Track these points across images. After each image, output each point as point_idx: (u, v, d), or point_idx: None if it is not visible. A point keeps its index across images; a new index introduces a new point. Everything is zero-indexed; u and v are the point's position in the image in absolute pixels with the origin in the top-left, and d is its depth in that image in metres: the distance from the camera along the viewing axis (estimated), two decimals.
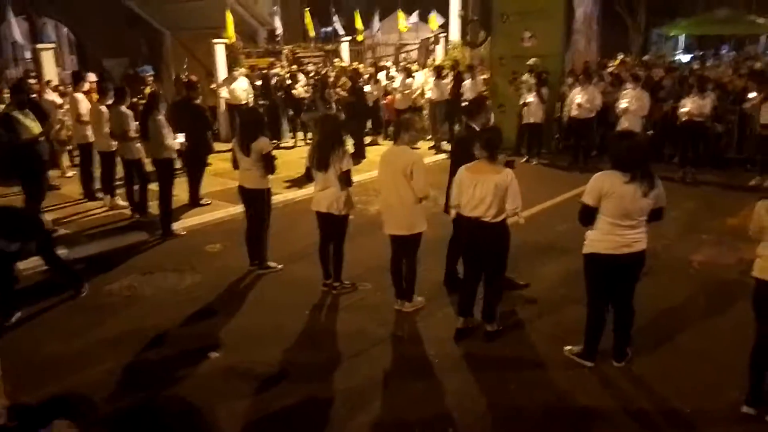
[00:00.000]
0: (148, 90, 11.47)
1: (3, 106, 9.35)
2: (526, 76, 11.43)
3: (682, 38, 24.50)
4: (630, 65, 13.52)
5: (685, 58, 20.60)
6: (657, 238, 6.58)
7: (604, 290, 4.37)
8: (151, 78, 12.08)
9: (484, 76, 13.25)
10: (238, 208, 7.10)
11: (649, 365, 4.47)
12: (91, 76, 10.32)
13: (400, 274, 5.37)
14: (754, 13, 22.71)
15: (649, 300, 5.35)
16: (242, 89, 12.46)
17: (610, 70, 13.16)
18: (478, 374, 4.45)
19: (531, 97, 11.01)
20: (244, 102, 12.18)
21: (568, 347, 4.62)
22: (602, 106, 10.61)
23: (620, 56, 15.60)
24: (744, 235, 4.08)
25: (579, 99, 10.50)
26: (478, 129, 5.27)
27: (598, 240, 4.21)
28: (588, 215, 4.22)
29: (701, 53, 20.34)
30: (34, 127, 7.42)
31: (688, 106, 9.58)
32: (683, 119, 9.68)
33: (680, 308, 5.44)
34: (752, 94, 9.79)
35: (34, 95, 9.66)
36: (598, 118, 10.75)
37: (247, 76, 13.06)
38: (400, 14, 18.57)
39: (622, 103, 9.84)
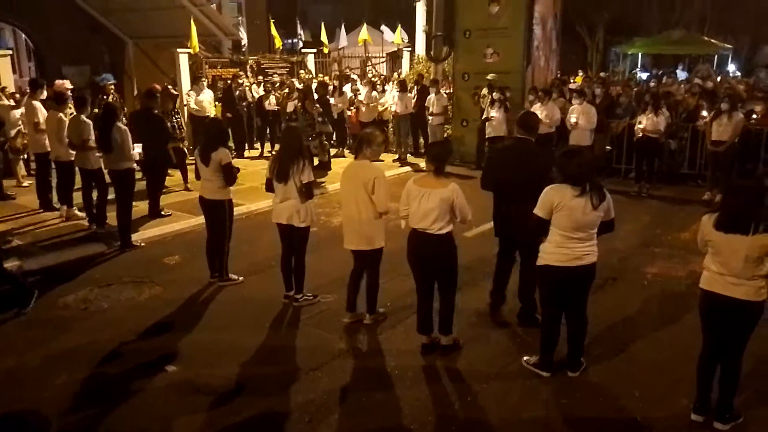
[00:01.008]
0: (110, 99, 11.30)
1: None
2: (485, 91, 11.66)
3: (639, 57, 25.30)
4: (590, 82, 13.89)
5: (643, 76, 21.28)
6: (613, 251, 6.79)
7: (558, 301, 4.48)
8: (112, 86, 11.88)
9: (448, 91, 13.46)
10: (199, 219, 7.04)
11: (604, 374, 4.59)
12: (67, 83, 10.08)
13: (356, 288, 5.39)
14: (706, 34, 23.68)
15: (605, 311, 5.51)
16: (208, 101, 12.35)
17: (572, 86, 13.51)
18: (437, 386, 4.49)
19: (494, 112, 11.20)
20: (209, 113, 12.07)
21: (526, 358, 4.72)
22: (561, 122, 10.87)
23: (581, 73, 16.04)
24: (695, 248, 4.24)
25: (539, 115, 10.71)
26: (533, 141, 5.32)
27: (550, 252, 4.32)
28: (540, 227, 4.32)
29: (658, 72, 21.04)
30: None
31: (643, 123, 9.90)
32: (639, 135, 10.00)
33: (634, 318, 5.59)
34: (704, 113, 10.19)
35: None
36: (558, 133, 11.00)
37: (210, 86, 12.97)
38: (365, 28, 18.72)
39: (572, 118, 10.15)
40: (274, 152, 12.49)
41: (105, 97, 11.32)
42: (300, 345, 5.13)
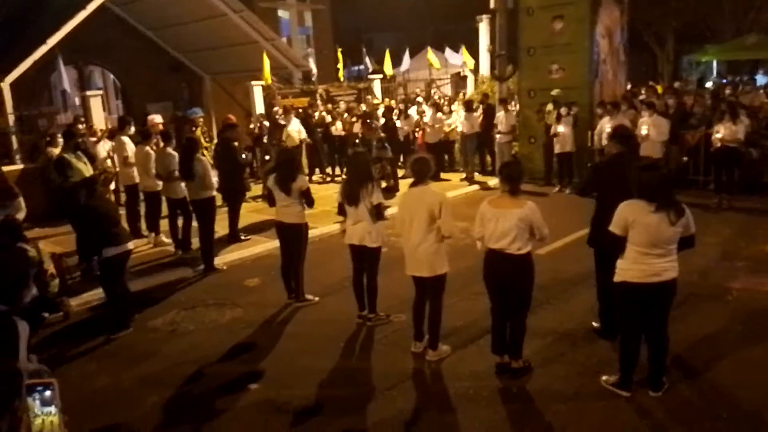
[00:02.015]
0: (198, 132, 11.98)
1: (57, 150, 9.92)
2: (550, 107, 11.58)
3: (714, 65, 24.30)
4: (651, 93, 13.46)
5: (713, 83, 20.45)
6: (693, 265, 6.56)
7: (636, 319, 4.37)
8: (201, 119, 12.51)
9: (515, 109, 13.44)
10: (275, 243, 7.33)
11: (687, 395, 4.44)
12: (158, 118, 10.75)
13: (422, 315, 5.29)
14: None
15: (686, 328, 5.34)
16: (296, 131, 12.56)
17: (641, 98, 13.17)
18: (512, 408, 4.47)
19: (561, 127, 11.11)
20: (298, 143, 12.42)
21: (605, 377, 4.61)
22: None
23: (651, 84, 15.57)
24: None
25: (608, 128, 10.54)
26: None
27: (627, 268, 4.25)
28: (616, 244, 4.26)
29: (736, 78, 20.12)
30: (85, 170, 7.82)
31: (721, 132, 9.54)
32: (717, 145, 9.64)
33: (718, 336, 5.37)
34: None
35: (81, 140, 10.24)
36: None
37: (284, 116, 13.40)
38: (430, 51, 18.99)
39: (642, 130, 9.92)
40: (342, 176, 12.85)
41: (194, 129, 11.97)
42: (374, 365, 5.24)
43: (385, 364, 5.20)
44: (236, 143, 8.98)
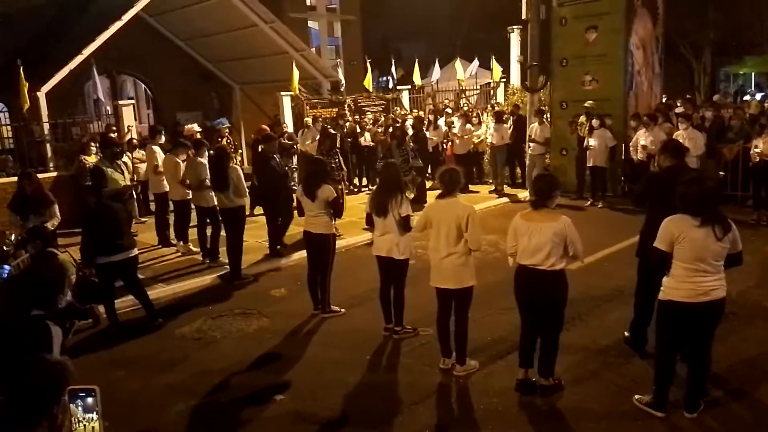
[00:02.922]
0: (224, 142, 12.10)
1: (90, 158, 10.09)
2: (582, 119, 11.40)
3: (752, 77, 23.78)
4: (689, 105, 13.17)
5: (757, 96, 19.94)
6: (733, 283, 6.25)
7: (678, 339, 4.23)
8: (227, 130, 12.66)
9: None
10: (303, 253, 7.31)
11: (722, 418, 4.26)
12: (195, 127, 10.84)
13: (447, 331, 5.16)
14: None
15: (725, 348, 5.14)
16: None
17: (678, 110, 12.92)
18: (541, 425, 4.35)
19: (593, 140, 10.93)
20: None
21: (638, 396, 4.47)
22: None
23: (688, 96, 15.26)
24: None
25: (643, 141, 10.36)
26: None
27: (674, 287, 4.11)
28: (662, 261, 4.14)
29: None
30: (120, 179, 7.89)
31: (760, 147, 9.27)
32: (755, 160, 9.37)
33: (757, 359, 5.17)
34: None
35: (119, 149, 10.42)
36: None
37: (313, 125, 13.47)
38: (458, 63, 18.93)
39: None
40: (370, 187, 12.82)
41: (220, 139, 12.10)
42: (401, 378, 5.16)
43: (411, 378, 5.11)
44: (275, 155, 8.73)
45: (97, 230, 6.17)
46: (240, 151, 12.61)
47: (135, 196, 9.71)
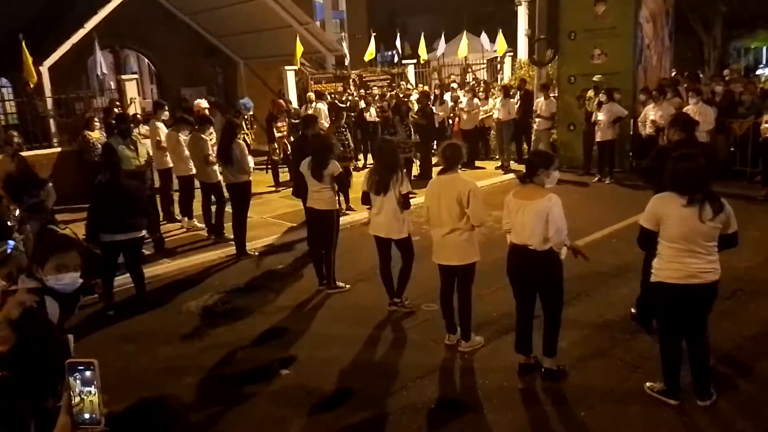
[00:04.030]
0: (241, 118, 12.01)
1: (94, 133, 10.04)
2: (590, 93, 11.25)
3: (764, 51, 23.39)
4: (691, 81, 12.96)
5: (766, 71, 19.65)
6: (739, 260, 6.29)
7: (675, 321, 4.08)
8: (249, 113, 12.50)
9: (554, 95, 13.12)
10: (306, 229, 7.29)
11: (734, 400, 4.17)
12: (203, 103, 10.72)
13: (451, 307, 5.16)
14: None
15: (734, 325, 5.13)
16: (324, 115, 12.56)
17: (685, 85, 12.73)
18: (546, 403, 4.33)
19: (601, 115, 10.79)
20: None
21: (649, 384, 4.30)
22: None
23: (687, 73, 15.01)
24: None
25: (652, 115, 10.22)
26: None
27: (662, 268, 3.97)
28: (646, 239, 4.02)
29: None
30: (132, 157, 7.62)
31: None
32: (766, 135, 9.23)
33: (766, 334, 5.13)
34: None
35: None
36: None
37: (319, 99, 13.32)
38: (464, 37, 18.64)
39: None
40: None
41: (238, 114, 12.11)
42: (406, 353, 5.16)
43: (416, 354, 5.12)
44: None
45: (104, 207, 6.07)
46: (254, 126, 12.50)
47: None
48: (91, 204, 6.26)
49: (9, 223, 6.13)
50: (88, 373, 1.75)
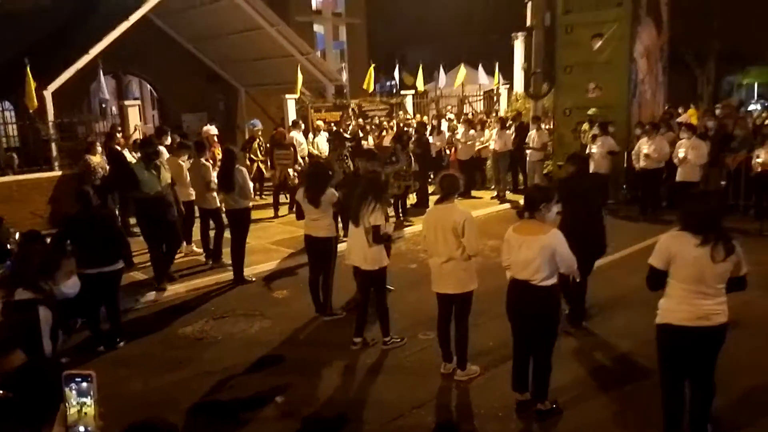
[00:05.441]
0: (255, 144, 12.22)
1: (95, 157, 10.12)
2: (585, 126, 11.43)
3: (755, 87, 23.79)
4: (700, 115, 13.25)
5: (757, 107, 19.96)
6: (736, 294, 6.30)
7: (680, 365, 3.92)
8: (259, 131, 12.75)
9: (548, 127, 13.31)
10: (305, 256, 7.31)
11: None
12: (212, 130, 10.86)
13: (448, 336, 5.14)
14: None
15: (728, 359, 5.11)
16: (324, 143, 12.61)
17: (680, 119, 12.95)
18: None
19: (595, 148, 10.94)
20: (325, 155, 12.46)
21: None
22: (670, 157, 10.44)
23: (700, 107, 15.23)
24: None
25: (646, 149, 10.38)
26: None
27: (670, 309, 3.83)
28: (656, 279, 3.87)
29: None
30: (153, 181, 7.33)
31: (762, 157, 9.29)
32: (757, 170, 9.38)
33: (760, 369, 5.16)
34: None
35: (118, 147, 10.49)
36: (667, 168, 10.55)
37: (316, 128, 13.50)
38: (462, 68, 18.93)
39: (680, 153, 9.74)
40: None
41: (253, 140, 12.51)
42: (402, 382, 5.17)
43: (412, 382, 5.13)
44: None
45: (74, 239, 5.74)
46: (262, 148, 12.67)
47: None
48: (57, 233, 5.96)
49: (9, 246, 6.17)
50: (84, 384, 1.74)
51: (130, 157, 10.83)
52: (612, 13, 11.67)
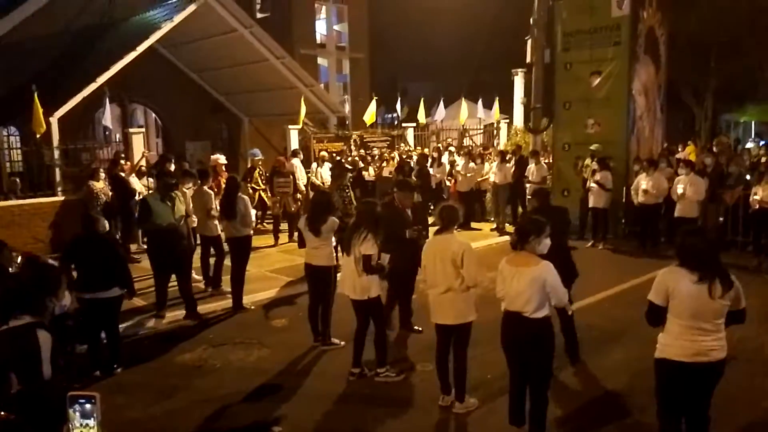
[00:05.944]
0: (257, 174, 12.35)
1: (98, 184, 10.21)
2: (588, 161, 11.56)
3: (753, 125, 24.06)
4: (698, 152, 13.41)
5: (750, 144, 20.17)
6: (732, 330, 6.30)
7: (678, 401, 3.91)
8: (260, 160, 12.90)
9: (547, 161, 13.46)
10: (304, 284, 7.33)
11: None
12: (221, 158, 11.04)
13: (446, 367, 5.12)
14: None
15: (723, 395, 5.11)
16: (327, 173, 12.81)
17: (679, 155, 13.09)
18: None
19: (593, 183, 11.06)
20: (328, 185, 12.56)
21: None
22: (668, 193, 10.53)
23: (699, 144, 15.36)
24: None
25: (644, 185, 10.48)
26: None
27: (668, 344, 3.82)
28: (656, 315, 3.86)
29: None
30: (167, 212, 7.26)
31: (759, 194, 9.38)
32: (755, 207, 9.46)
33: (757, 405, 5.15)
34: None
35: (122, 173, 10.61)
36: (666, 204, 10.64)
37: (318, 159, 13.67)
38: (463, 103, 19.23)
39: (678, 189, 9.84)
40: None
41: (254, 170, 12.64)
42: (400, 413, 5.14)
43: (410, 414, 5.11)
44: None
45: (76, 263, 5.81)
46: (263, 177, 12.78)
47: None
48: (62, 255, 6.02)
49: (10, 269, 6.18)
50: (88, 406, 1.75)
51: (137, 184, 10.96)
52: (610, 51, 11.91)
